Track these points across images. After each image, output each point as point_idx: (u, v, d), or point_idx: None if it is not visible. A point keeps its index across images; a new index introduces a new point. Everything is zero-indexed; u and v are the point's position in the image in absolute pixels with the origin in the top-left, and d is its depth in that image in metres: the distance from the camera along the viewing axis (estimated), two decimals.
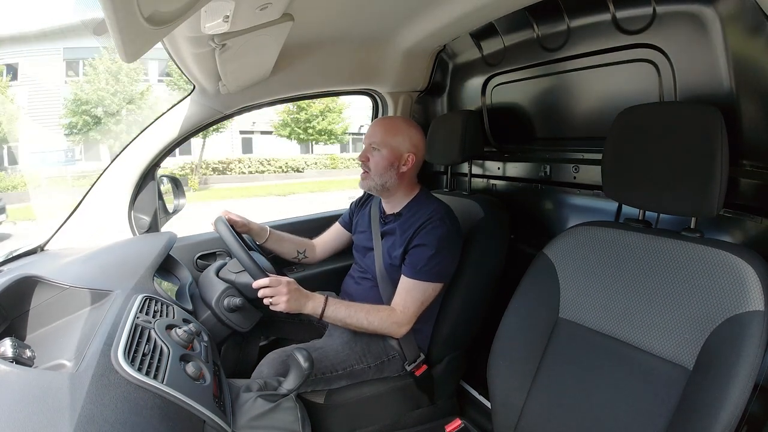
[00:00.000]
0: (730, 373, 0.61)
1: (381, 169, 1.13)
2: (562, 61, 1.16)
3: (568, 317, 0.85)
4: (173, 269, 1.20)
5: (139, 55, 0.52)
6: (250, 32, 0.85)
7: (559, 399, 0.82)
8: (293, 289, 1.00)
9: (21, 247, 1.12)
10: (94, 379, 0.56)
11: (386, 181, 1.14)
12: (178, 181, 1.39)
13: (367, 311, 1.06)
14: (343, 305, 1.06)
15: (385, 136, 1.14)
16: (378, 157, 1.13)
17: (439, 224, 1.06)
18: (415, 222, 1.10)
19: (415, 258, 1.07)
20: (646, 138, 0.76)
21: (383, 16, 1.17)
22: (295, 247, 1.34)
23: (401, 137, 1.14)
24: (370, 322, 1.05)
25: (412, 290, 1.06)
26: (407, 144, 1.14)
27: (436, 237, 1.05)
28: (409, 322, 1.07)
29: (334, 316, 1.04)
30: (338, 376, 1.08)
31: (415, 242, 1.07)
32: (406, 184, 1.18)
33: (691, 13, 0.84)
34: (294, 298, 1.00)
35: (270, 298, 0.99)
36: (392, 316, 1.06)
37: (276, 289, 0.98)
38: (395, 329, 1.06)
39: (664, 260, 0.74)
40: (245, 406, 0.81)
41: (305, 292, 1.04)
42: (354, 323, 1.05)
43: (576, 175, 1.22)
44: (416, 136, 1.16)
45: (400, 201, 1.19)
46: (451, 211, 1.13)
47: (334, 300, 1.06)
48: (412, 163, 1.14)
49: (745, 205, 0.84)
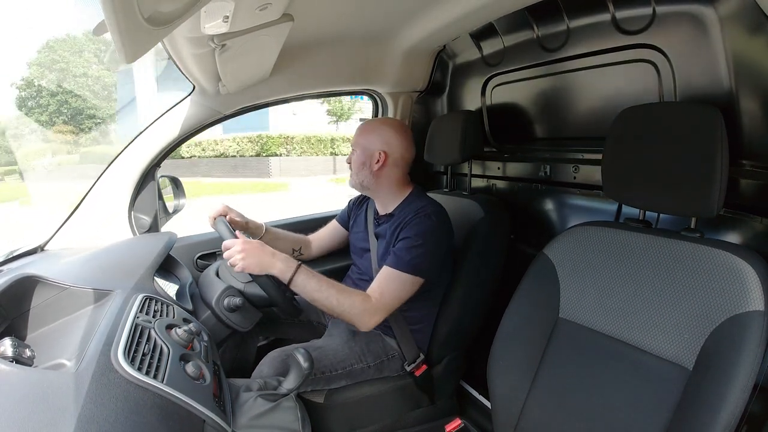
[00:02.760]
0: (730, 373, 0.61)
1: (356, 168, 1.17)
2: (561, 61, 1.16)
3: (568, 317, 0.85)
4: (173, 269, 1.20)
5: (139, 55, 0.52)
6: (250, 32, 0.85)
7: (559, 399, 0.82)
8: (251, 247, 0.93)
9: (21, 247, 1.12)
10: (94, 379, 0.56)
11: (362, 179, 1.16)
12: (178, 181, 1.39)
13: (339, 290, 0.98)
14: (315, 277, 0.98)
15: (358, 137, 1.17)
16: (354, 157, 1.17)
17: (424, 219, 1.06)
18: (404, 219, 1.09)
19: (397, 249, 1.05)
20: (646, 138, 0.76)
21: (383, 16, 1.17)
22: (290, 244, 1.34)
23: (373, 136, 1.15)
24: (340, 302, 0.97)
25: (390, 280, 1.02)
26: (378, 143, 1.14)
27: (420, 230, 1.04)
28: (382, 313, 1.00)
29: (303, 286, 0.96)
30: (338, 375, 1.08)
31: (400, 236, 1.06)
32: (393, 184, 1.17)
33: (691, 13, 0.84)
34: (253, 255, 0.93)
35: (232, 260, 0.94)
36: (365, 302, 0.98)
37: (231, 251, 0.93)
38: (365, 318, 0.98)
39: (664, 260, 0.74)
40: (245, 405, 0.81)
41: (270, 250, 0.96)
42: (323, 300, 0.97)
43: (576, 175, 1.22)
44: (389, 134, 1.14)
45: (392, 201, 1.19)
46: (441, 209, 1.12)
47: (308, 270, 0.98)
48: (384, 160, 1.13)
49: (745, 205, 0.84)
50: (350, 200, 1.40)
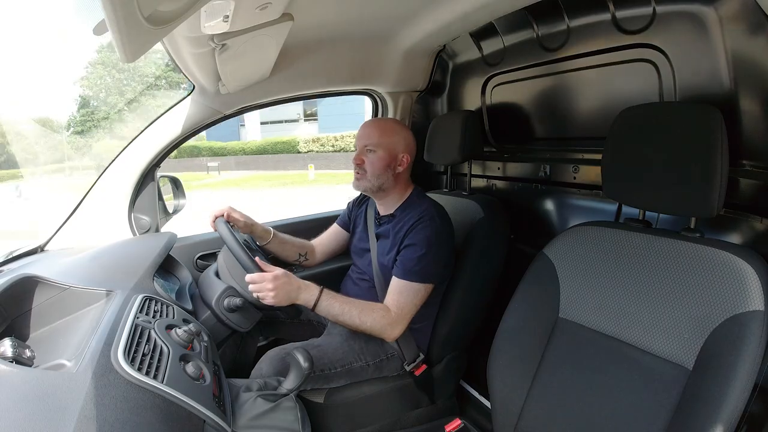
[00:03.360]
0: (730, 372, 0.61)
1: (378, 170, 1.13)
2: (562, 60, 1.16)
3: (567, 317, 0.85)
4: (173, 269, 1.20)
5: (139, 55, 0.52)
6: (250, 32, 0.85)
7: (559, 399, 0.82)
8: (281, 283, 0.97)
9: (21, 247, 1.12)
10: (94, 379, 0.56)
11: (383, 182, 1.14)
12: (178, 181, 1.39)
13: (360, 309, 1.03)
14: (338, 301, 1.04)
15: (381, 138, 1.13)
16: (374, 159, 1.12)
17: (429, 223, 1.06)
18: (407, 222, 1.09)
19: (405, 258, 1.06)
20: (646, 138, 0.76)
21: (383, 16, 1.17)
22: (297, 250, 1.34)
23: (397, 138, 1.14)
24: (363, 321, 1.03)
25: (404, 291, 1.05)
26: (402, 144, 1.14)
27: (425, 237, 1.04)
28: (403, 324, 1.06)
29: (327, 310, 1.02)
30: (337, 373, 1.08)
31: (405, 242, 1.07)
32: (403, 184, 1.18)
33: (691, 13, 0.84)
34: (283, 291, 0.97)
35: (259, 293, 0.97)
36: (386, 317, 1.04)
37: (261, 285, 0.96)
38: (388, 331, 1.04)
39: (664, 260, 0.74)
40: (245, 405, 0.81)
41: (296, 283, 1.01)
42: (347, 320, 1.03)
43: (576, 175, 1.22)
44: (409, 136, 1.17)
45: (394, 202, 1.19)
46: (442, 210, 1.13)
47: (329, 293, 1.04)
48: (407, 163, 1.15)
49: (745, 205, 0.84)
50: (349, 202, 1.39)
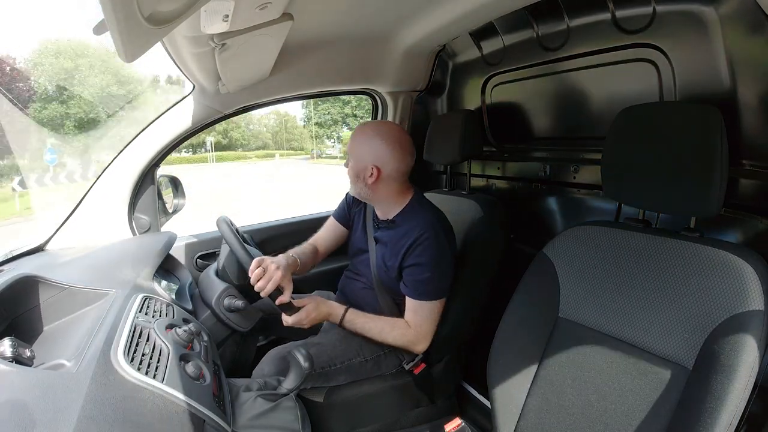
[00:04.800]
0: (730, 372, 0.61)
1: (351, 178, 1.11)
2: (561, 60, 1.16)
3: (567, 317, 0.85)
4: (173, 269, 1.20)
5: (138, 54, 0.52)
6: (250, 32, 0.85)
7: (559, 398, 0.82)
8: (316, 315, 1.03)
9: (21, 246, 1.12)
10: (93, 379, 0.56)
11: (359, 190, 1.11)
12: (177, 181, 1.39)
13: (381, 329, 1.07)
14: (360, 317, 1.08)
15: (352, 146, 1.09)
16: (349, 167, 1.11)
17: (433, 242, 1.03)
18: (409, 236, 1.05)
19: (414, 279, 1.05)
20: (645, 138, 0.76)
21: (383, 16, 1.17)
22: (311, 261, 1.25)
23: (364, 148, 1.06)
24: (384, 338, 1.07)
25: (419, 311, 1.07)
26: (370, 156, 1.05)
27: (431, 257, 1.02)
28: (426, 340, 1.08)
29: (352, 327, 1.08)
30: (337, 370, 1.08)
31: (410, 261, 1.04)
32: (392, 195, 1.11)
33: (691, 13, 0.84)
34: (317, 317, 1.04)
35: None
36: (407, 335, 1.07)
37: (299, 318, 1.01)
38: (413, 347, 1.09)
39: (663, 260, 0.74)
40: (245, 405, 0.81)
41: (324, 308, 1.06)
42: (369, 335, 1.08)
43: (576, 174, 1.22)
44: (381, 148, 1.05)
45: (392, 208, 1.13)
46: (443, 218, 1.11)
47: (352, 311, 1.08)
48: (378, 176, 1.05)
49: (745, 205, 0.84)
50: (347, 193, 1.31)
